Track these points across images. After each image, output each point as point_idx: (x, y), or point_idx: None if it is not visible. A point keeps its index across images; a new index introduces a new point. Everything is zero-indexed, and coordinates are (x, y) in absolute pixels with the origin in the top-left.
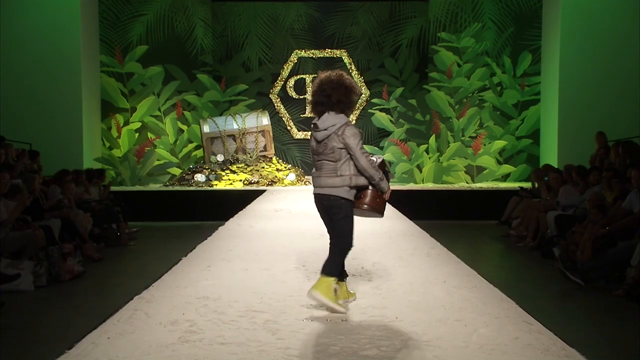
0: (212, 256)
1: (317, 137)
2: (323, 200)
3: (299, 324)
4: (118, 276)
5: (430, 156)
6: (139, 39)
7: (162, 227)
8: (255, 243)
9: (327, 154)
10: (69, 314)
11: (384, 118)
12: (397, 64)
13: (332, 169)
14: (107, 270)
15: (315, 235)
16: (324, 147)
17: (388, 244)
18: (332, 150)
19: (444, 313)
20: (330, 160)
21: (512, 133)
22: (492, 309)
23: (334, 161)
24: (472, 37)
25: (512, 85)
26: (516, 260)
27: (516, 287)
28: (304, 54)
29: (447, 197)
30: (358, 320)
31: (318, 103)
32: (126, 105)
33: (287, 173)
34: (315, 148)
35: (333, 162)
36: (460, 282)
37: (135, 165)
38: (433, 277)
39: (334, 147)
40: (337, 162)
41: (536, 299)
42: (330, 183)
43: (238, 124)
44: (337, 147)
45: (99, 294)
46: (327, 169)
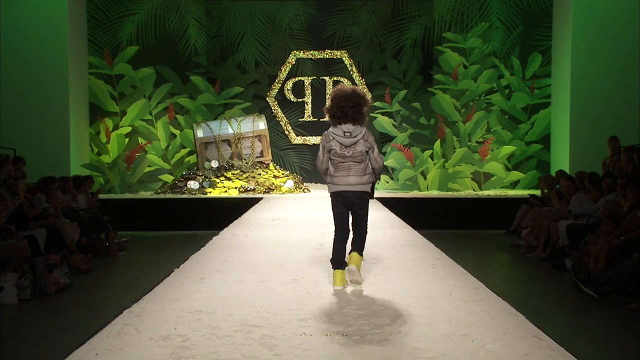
0: (206, 268)
1: (345, 143)
2: (354, 197)
3: (297, 339)
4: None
5: (435, 162)
6: (129, 39)
7: (153, 237)
8: (252, 254)
9: (354, 157)
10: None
11: (387, 122)
12: (400, 66)
13: (361, 169)
14: (95, 283)
15: (315, 245)
16: (352, 150)
17: (391, 254)
18: (360, 154)
19: (450, 328)
20: (357, 162)
21: (521, 138)
22: (501, 323)
23: (360, 162)
24: (479, 37)
25: (521, 88)
26: (526, 272)
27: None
28: (302, 55)
29: (452, 206)
30: (359, 335)
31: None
32: (115, 108)
33: (285, 180)
34: (340, 152)
35: (359, 163)
36: (466, 295)
37: (125, 172)
38: (438, 290)
39: (361, 151)
40: (362, 163)
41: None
42: (360, 181)
43: (233, 128)
44: (364, 150)
45: (86, 308)
46: (356, 169)
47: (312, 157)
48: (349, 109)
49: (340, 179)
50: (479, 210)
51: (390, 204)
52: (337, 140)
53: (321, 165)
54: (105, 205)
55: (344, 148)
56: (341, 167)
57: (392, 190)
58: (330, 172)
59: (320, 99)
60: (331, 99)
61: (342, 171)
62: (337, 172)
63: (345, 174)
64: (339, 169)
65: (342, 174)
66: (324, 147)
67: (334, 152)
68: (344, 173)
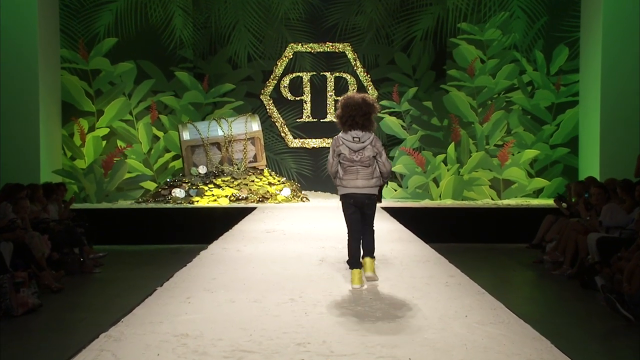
0: (193, 286)
1: (354, 148)
2: (364, 199)
3: None
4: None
5: (448, 168)
6: (107, 30)
7: (133, 252)
8: (244, 270)
9: (362, 161)
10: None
11: (395, 123)
12: (409, 60)
13: (368, 172)
14: (68, 303)
15: (314, 260)
16: (360, 155)
17: (399, 271)
18: (368, 159)
19: (466, 353)
20: (365, 166)
21: (545, 141)
22: (523, 349)
23: (367, 167)
24: (498, 28)
25: (545, 85)
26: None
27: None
28: (300, 48)
29: (468, 216)
30: None
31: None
32: (91, 107)
33: (281, 188)
34: (349, 156)
35: (367, 168)
36: (484, 316)
37: (102, 179)
38: (452, 311)
39: (369, 156)
40: (369, 168)
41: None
42: (368, 184)
43: (223, 130)
44: (372, 155)
45: (58, 331)
46: (364, 173)
47: (312, 163)
48: (359, 117)
49: (349, 182)
50: (498, 222)
51: (398, 214)
52: (346, 145)
53: (331, 169)
54: (80, 216)
55: (352, 153)
56: (350, 170)
57: (401, 199)
58: (340, 175)
59: (320, 97)
60: (342, 106)
61: (350, 174)
62: (346, 176)
63: (354, 177)
64: (348, 173)
65: (351, 177)
66: (333, 152)
67: (343, 156)
68: (352, 177)
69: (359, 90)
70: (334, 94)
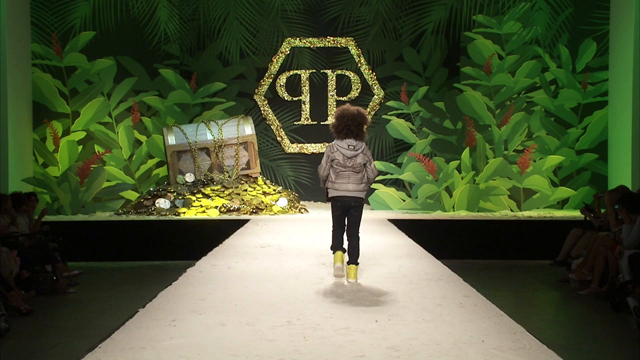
0: (179, 307)
1: (348, 155)
2: (351, 201)
3: None
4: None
5: (463, 176)
6: (83, 22)
7: (112, 269)
8: (235, 289)
9: (354, 167)
10: None
11: (403, 126)
12: (419, 56)
13: (358, 177)
14: (40, 327)
15: (314, 279)
16: (352, 162)
17: (408, 290)
18: (359, 165)
19: None
20: (356, 172)
21: (570, 146)
22: None
23: (358, 172)
24: (518, 20)
25: (570, 84)
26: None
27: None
28: (298, 43)
29: (485, 230)
30: None
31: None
32: (66, 109)
33: (277, 197)
34: (342, 162)
35: (358, 173)
36: (503, 341)
37: (78, 188)
38: (468, 336)
39: (360, 163)
40: (359, 173)
41: None
42: (358, 188)
43: (213, 133)
44: (362, 162)
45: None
46: (355, 178)
47: (311, 170)
48: (354, 127)
49: (341, 186)
50: (518, 236)
51: (407, 227)
52: (340, 152)
53: (323, 172)
54: (53, 230)
55: (346, 159)
56: (342, 175)
57: (410, 210)
58: (332, 179)
59: (320, 98)
60: (337, 117)
61: (342, 179)
62: (338, 180)
63: (345, 181)
64: (340, 177)
65: (343, 181)
66: (328, 157)
67: (336, 161)
68: (344, 180)
69: (363, 89)
70: (335, 93)
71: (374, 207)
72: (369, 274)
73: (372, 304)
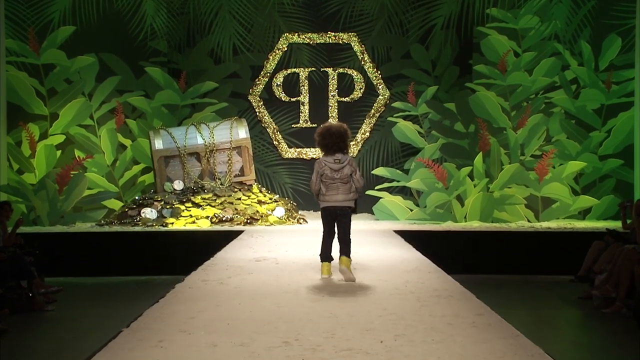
0: (167, 326)
1: (335, 168)
2: (337, 210)
3: None
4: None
5: (475, 183)
6: (62, 16)
7: (93, 285)
8: (228, 307)
9: (342, 178)
10: None
11: (410, 129)
12: (428, 53)
13: (346, 188)
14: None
15: (313, 295)
16: (340, 173)
17: (416, 308)
18: (346, 176)
19: None
20: (344, 183)
21: (593, 151)
22: None
23: (346, 183)
24: (535, 14)
25: (593, 83)
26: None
27: None
28: (296, 39)
29: (500, 242)
30: None
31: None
32: (44, 110)
33: (273, 207)
34: (330, 175)
35: (345, 184)
36: None
37: (56, 197)
38: (481, 358)
39: (347, 174)
40: (347, 184)
41: None
42: (347, 197)
43: (204, 137)
44: (349, 173)
45: None
46: (343, 188)
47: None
48: (341, 143)
49: (331, 197)
50: (535, 249)
51: (415, 239)
52: (329, 166)
53: (314, 187)
54: (29, 242)
55: (333, 172)
56: (332, 187)
57: (418, 220)
58: (323, 191)
59: (320, 98)
60: (323, 135)
61: (332, 190)
62: (329, 192)
63: (335, 192)
64: (330, 189)
65: (333, 192)
66: (317, 173)
67: (325, 175)
68: (334, 192)
69: (367, 88)
70: (336, 94)
71: (378, 218)
72: (373, 290)
73: (377, 323)
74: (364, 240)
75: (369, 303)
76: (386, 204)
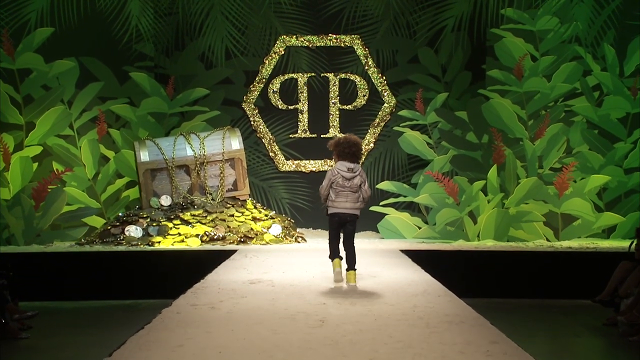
0: (152, 355)
1: (347, 177)
2: (347, 217)
3: None
4: None
5: (489, 199)
6: (40, 17)
7: (73, 310)
8: (220, 334)
9: (352, 187)
10: None
11: (418, 140)
12: (437, 57)
13: (355, 197)
14: None
15: (312, 321)
16: (350, 182)
17: (425, 335)
18: (356, 186)
19: None
20: (353, 192)
21: (618, 163)
22: None
23: (355, 192)
24: (554, 15)
25: (617, 90)
26: None
27: None
28: (295, 41)
29: (516, 263)
30: None
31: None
32: (19, 119)
33: (269, 224)
34: (341, 183)
35: (354, 193)
36: None
37: (33, 213)
38: None
39: (357, 184)
40: (356, 193)
41: None
42: (354, 206)
43: (194, 148)
44: (359, 184)
45: None
46: (352, 197)
47: (309, 191)
48: (356, 151)
49: (340, 204)
50: (555, 270)
51: (423, 259)
52: (341, 174)
53: (324, 192)
54: (2, 263)
55: (345, 180)
56: (341, 194)
57: (427, 239)
58: (332, 198)
59: (320, 106)
60: (342, 143)
61: (341, 197)
62: (338, 198)
63: (344, 200)
64: (340, 196)
65: (342, 200)
66: (329, 180)
67: (337, 182)
68: (343, 199)
69: (371, 95)
70: (338, 101)
71: (384, 236)
72: (377, 315)
73: (382, 351)
74: (368, 261)
75: (374, 330)
76: (392, 221)
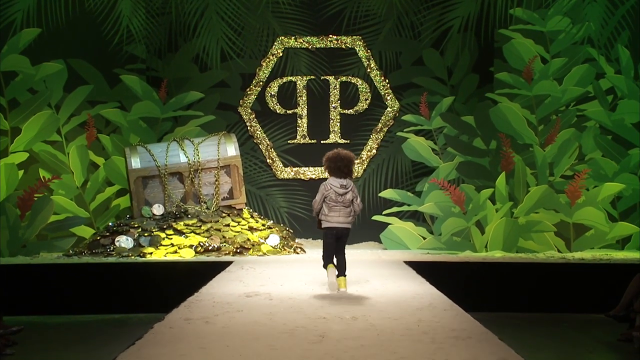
0: None
1: (340, 192)
2: (343, 231)
3: None
4: None
5: (497, 207)
6: (26, 17)
7: (60, 324)
8: (215, 350)
9: (344, 202)
10: None
11: (422, 146)
12: (443, 60)
13: (347, 212)
14: None
15: (312, 336)
16: (343, 198)
17: (431, 351)
18: (348, 201)
19: None
20: (345, 207)
21: (633, 171)
22: None
23: (347, 207)
24: (565, 15)
25: (632, 93)
26: None
27: None
28: (293, 43)
29: (526, 275)
30: None
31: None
32: (4, 124)
33: (267, 234)
34: (334, 198)
35: (346, 207)
36: None
37: (18, 223)
38: None
39: (349, 199)
40: (348, 207)
41: None
42: (347, 220)
43: (188, 155)
44: (351, 199)
45: None
46: (344, 211)
47: (308, 200)
48: (345, 168)
49: (333, 218)
50: (567, 283)
51: (428, 271)
52: (333, 190)
53: (316, 206)
54: None
55: (338, 196)
56: (334, 209)
57: (432, 250)
58: (325, 212)
59: (320, 111)
60: (334, 159)
61: (334, 212)
62: (331, 213)
63: (337, 214)
64: (332, 210)
65: (334, 214)
66: (322, 195)
67: (329, 197)
68: (336, 214)
69: (373, 99)
70: (339, 105)
71: (387, 247)
72: (380, 330)
73: None
74: (370, 273)
75: (376, 345)
76: (395, 231)
